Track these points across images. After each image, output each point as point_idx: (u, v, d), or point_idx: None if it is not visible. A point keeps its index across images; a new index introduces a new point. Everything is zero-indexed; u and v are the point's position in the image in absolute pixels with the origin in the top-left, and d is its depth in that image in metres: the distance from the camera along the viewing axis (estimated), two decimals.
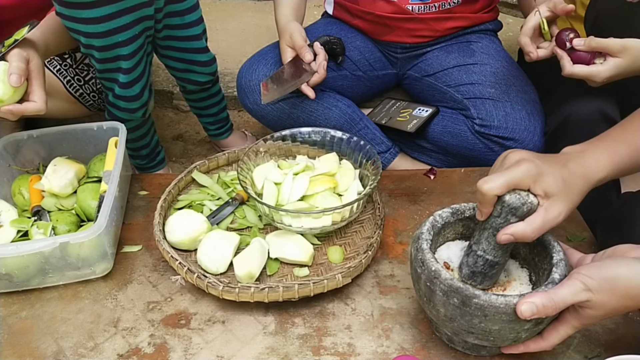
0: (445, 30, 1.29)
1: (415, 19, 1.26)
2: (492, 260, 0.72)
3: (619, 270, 0.63)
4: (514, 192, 0.66)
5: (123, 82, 1.12)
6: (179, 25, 1.18)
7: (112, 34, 1.04)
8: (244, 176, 0.95)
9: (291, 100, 1.23)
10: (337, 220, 0.91)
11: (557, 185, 0.66)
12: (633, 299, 0.62)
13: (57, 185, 0.98)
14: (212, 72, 1.29)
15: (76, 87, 1.22)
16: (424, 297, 0.72)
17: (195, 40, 1.22)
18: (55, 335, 0.82)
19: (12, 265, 0.84)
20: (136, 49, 1.09)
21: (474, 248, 0.73)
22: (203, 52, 1.25)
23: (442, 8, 1.25)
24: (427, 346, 0.79)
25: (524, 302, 0.64)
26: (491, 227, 0.70)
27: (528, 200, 0.66)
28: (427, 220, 0.77)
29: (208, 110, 1.40)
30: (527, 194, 0.66)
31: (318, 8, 2.00)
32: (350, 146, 1.02)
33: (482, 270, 0.73)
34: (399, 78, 1.40)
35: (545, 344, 0.70)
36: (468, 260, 0.74)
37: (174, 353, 0.79)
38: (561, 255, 0.72)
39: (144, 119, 1.23)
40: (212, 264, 0.87)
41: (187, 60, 1.24)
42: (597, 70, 0.93)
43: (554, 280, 0.68)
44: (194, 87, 1.31)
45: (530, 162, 0.66)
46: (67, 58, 1.21)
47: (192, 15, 1.19)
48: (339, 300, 0.87)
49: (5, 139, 1.04)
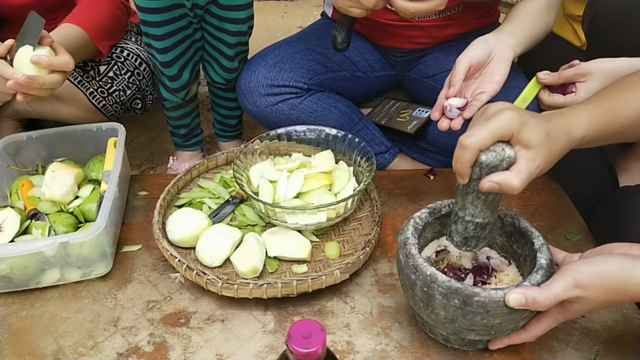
0: (445, 37, 1.29)
1: (415, 26, 1.26)
2: (482, 222, 0.71)
3: (609, 266, 0.64)
4: (488, 150, 0.64)
5: (160, 61, 1.19)
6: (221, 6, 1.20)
7: (145, 12, 1.11)
8: (240, 174, 0.96)
9: (290, 101, 1.23)
10: (332, 217, 0.91)
11: (541, 136, 0.64)
12: (621, 294, 0.64)
13: (59, 193, 0.98)
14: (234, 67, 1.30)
15: (99, 98, 1.23)
16: (421, 303, 0.72)
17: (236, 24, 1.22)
18: (55, 334, 0.82)
19: (12, 265, 0.84)
20: (169, 32, 1.14)
21: (460, 214, 0.72)
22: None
23: (443, 15, 1.25)
24: (426, 344, 0.80)
25: (513, 291, 0.65)
26: (473, 190, 0.68)
27: (505, 155, 0.63)
28: (408, 223, 0.77)
29: (218, 108, 1.42)
30: (502, 148, 0.64)
31: (318, 8, 2.00)
32: (345, 144, 1.03)
33: (474, 234, 0.72)
34: (399, 79, 1.41)
35: (528, 336, 0.71)
36: (457, 227, 0.73)
37: (174, 352, 0.80)
38: (542, 240, 0.73)
39: (185, 100, 1.30)
40: (209, 257, 0.88)
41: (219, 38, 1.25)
42: (571, 100, 0.96)
43: (542, 265, 0.69)
44: (218, 78, 1.32)
45: (513, 110, 0.64)
46: (89, 70, 1.22)
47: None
48: (338, 298, 0.87)
49: (5, 140, 1.04)
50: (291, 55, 1.26)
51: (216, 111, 1.43)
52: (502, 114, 0.63)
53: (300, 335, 0.53)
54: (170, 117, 1.36)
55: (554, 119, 0.68)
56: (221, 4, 1.17)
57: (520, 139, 0.63)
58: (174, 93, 1.26)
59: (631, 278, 0.62)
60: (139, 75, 1.27)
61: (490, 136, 0.63)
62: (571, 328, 0.81)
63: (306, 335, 0.53)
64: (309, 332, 0.54)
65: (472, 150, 0.64)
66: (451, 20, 1.26)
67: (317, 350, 0.53)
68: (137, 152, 1.57)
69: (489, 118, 0.64)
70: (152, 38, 1.15)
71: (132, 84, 1.26)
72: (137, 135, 1.63)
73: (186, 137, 1.40)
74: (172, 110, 1.33)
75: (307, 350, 0.52)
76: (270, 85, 1.22)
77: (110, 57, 1.24)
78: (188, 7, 1.14)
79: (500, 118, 0.63)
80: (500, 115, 0.63)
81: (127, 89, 1.25)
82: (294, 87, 1.22)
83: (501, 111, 0.64)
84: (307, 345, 0.53)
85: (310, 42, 1.30)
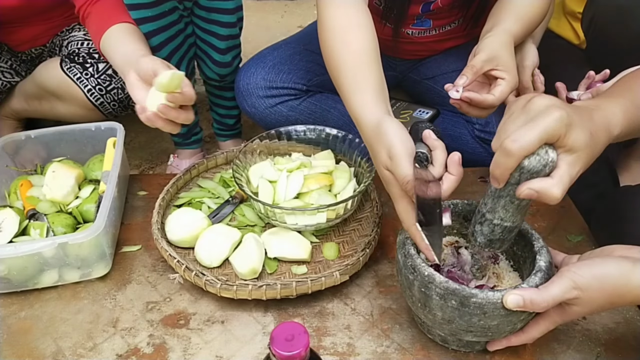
0: (444, 50, 1.29)
1: (415, 42, 1.25)
2: (511, 225, 0.68)
3: (608, 268, 0.63)
4: (532, 154, 0.57)
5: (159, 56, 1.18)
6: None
7: (135, 8, 1.10)
8: (240, 174, 0.96)
9: (289, 103, 1.23)
10: (332, 218, 0.91)
11: (586, 139, 0.58)
12: (620, 297, 0.63)
13: (60, 194, 0.98)
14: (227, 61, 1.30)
15: (97, 96, 1.23)
16: (419, 303, 0.72)
17: (223, 14, 1.22)
18: (55, 335, 0.82)
19: (10, 266, 0.84)
20: (161, 26, 1.13)
21: (489, 217, 0.68)
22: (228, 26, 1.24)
23: (442, 30, 1.24)
24: (427, 346, 0.79)
25: (511, 293, 0.65)
26: (508, 195, 0.63)
27: (549, 159, 0.58)
28: None
29: (216, 107, 1.42)
30: (546, 150, 0.57)
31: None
32: (345, 144, 1.03)
33: (501, 237, 0.70)
34: (399, 80, 1.40)
35: (526, 338, 0.71)
36: (483, 229, 0.70)
37: (173, 353, 0.79)
38: (541, 242, 0.73)
39: None
40: (207, 257, 0.88)
41: (210, 31, 1.25)
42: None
43: (541, 268, 0.69)
44: (211, 73, 1.32)
45: (561, 109, 0.56)
46: (88, 67, 1.21)
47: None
48: (338, 300, 0.87)
49: (3, 140, 1.04)
50: (290, 57, 1.25)
51: (214, 110, 1.43)
52: (551, 113, 0.56)
53: (283, 338, 0.53)
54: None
55: (595, 116, 0.61)
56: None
57: (566, 142, 0.57)
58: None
59: (630, 281, 0.62)
60: None
61: (538, 140, 0.56)
62: (572, 330, 0.81)
63: (289, 338, 0.53)
64: (292, 334, 0.53)
65: (518, 157, 0.57)
66: (450, 35, 1.26)
67: (299, 353, 0.52)
68: (136, 152, 1.56)
69: (534, 117, 0.57)
70: (146, 35, 1.14)
71: None
72: (137, 135, 1.62)
73: (186, 136, 1.40)
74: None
75: (290, 353, 0.52)
76: (269, 87, 1.21)
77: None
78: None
79: (548, 118, 0.56)
80: (549, 115, 0.56)
81: (125, 87, 1.25)
82: (292, 88, 1.22)
83: (549, 109, 0.57)
84: (289, 348, 0.52)
85: (309, 43, 1.29)
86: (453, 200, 0.79)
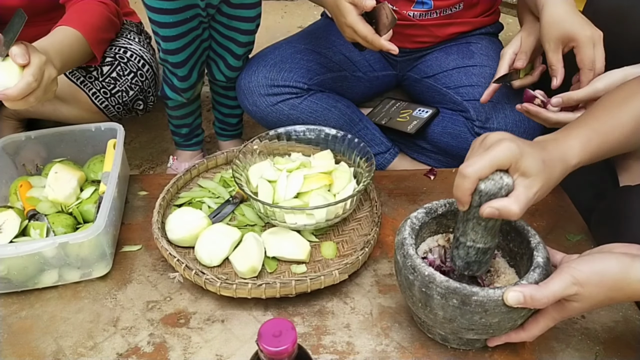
0: (446, 36, 1.29)
1: (416, 25, 1.26)
2: (484, 247, 0.72)
3: (607, 263, 0.64)
4: (487, 179, 0.65)
5: (172, 62, 1.20)
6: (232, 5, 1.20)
7: (157, 12, 1.11)
8: (239, 174, 0.96)
9: (290, 101, 1.23)
10: (331, 217, 0.91)
11: (538, 165, 0.66)
12: (620, 292, 0.64)
13: (62, 195, 0.98)
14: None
15: (102, 99, 1.23)
16: (419, 303, 0.72)
17: (245, 22, 1.22)
18: (55, 334, 0.82)
19: (10, 266, 0.84)
20: (181, 32, 1.14)
21: (462, 240, 0.72)
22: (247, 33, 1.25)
23: (444, 14, 1.25)
24: (426, 344, 0.79)
25: (511, 290, 0.66)
26: (474, 217, 0.69)
27: (504, 183, 0.65)
28: (405, 223, 0.77)
29: (219, 107, 1.42)
30: (500, 176, 0.65)
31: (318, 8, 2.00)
32: (345, 144, 1.03)
33: (476, 259, 0.73)
34: (399, 79, 1.41)
35: (526, 335, 0.72)
36: (459, 252, 0.74)
37: (173, 352, 0.79)
38: (538, 238, 0.74)
39: (190, 99, 1.30)
40: (207, 256, 0.88)
41: (229, 37, 1.25)
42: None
43: (539, 264, 0.69)
44: (221, 76, 1.33)
45: (511, 141, 0.65)
46: (92, 71, 1.22)
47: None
48: (338, 299, 0.87)
49: (3, 140, 1.04)
50: (291, 56, 1.26)
51: (217, 109, 1.43)
52: (501, 144, 0.65)
53: (271, 334, 0.53)
54: (172, 117, 1.36)
55: (549, 147, 0.69)
56: (232, 2, 1.17)
57: (518, 168, 0.65)
58: (181, 93, 1.27)
59: (630, 275, 0.63)
60: (142, 76, 1.27)
61: (489, 166, 0.65)
62: (571, 329, 0.81)
63: (276, 334, 0.53)
64: (280, 330, 0.54)
65: (471, 180, 0.65)
66: (451, 19, 1.26)
67: (287, 349, 0.53)
68: (137, 152, 1.56)
69: (487, 147, 0.66)
70: (163, 39, 1.15)
71: (135, 85, 1.26)
72: (137, 135, 1.62)
73: (187, 137, 1.40)
74: (175, 109, 1.33)
75: (277, 348, 0.53)
76: (270, 85, 1.22)
77: (113, 58, 1.24)
78: (202, 6, 1.14)
79: (499, 148, 0.65)
80: (499, 145, 0.65)
81: (130, 90, 1.25)
82: (294, 87, 1.22)
83: (500, 141, 0.65)
84: (277, 344, 0.53)
85: (311, 42, 1.30)
86: (449, 200, 0.80)
